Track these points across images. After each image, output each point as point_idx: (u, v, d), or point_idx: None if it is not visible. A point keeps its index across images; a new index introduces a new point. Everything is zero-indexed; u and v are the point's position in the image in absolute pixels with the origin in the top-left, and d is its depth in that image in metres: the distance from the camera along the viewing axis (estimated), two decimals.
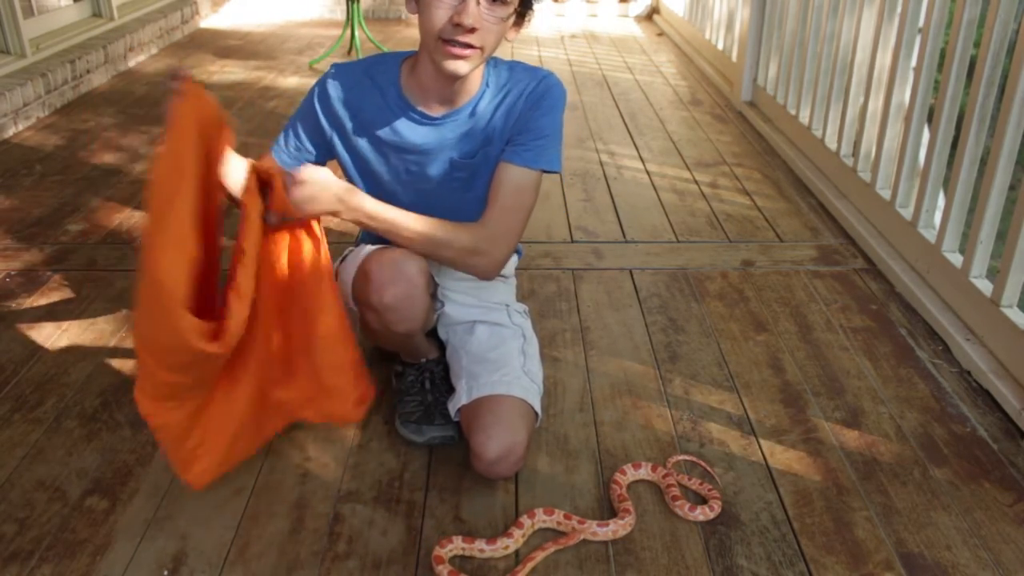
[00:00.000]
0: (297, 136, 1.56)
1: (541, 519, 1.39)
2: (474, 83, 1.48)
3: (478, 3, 1.32)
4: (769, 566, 1.34)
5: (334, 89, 1.52)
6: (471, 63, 1.38)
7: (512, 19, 1.39)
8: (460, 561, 1.34)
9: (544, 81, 1.51)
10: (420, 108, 1.49)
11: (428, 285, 1.49)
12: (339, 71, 1.53)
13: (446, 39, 1.34)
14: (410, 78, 1.49)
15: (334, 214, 1.40)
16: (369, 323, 1.51)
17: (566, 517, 1.40)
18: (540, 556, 1.33)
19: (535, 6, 1.43)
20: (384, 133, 1.51)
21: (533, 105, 1.50)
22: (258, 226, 1.35)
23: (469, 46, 1.34)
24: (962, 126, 1.99)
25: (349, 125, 1.52)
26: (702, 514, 1.42)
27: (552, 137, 1.52)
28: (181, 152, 1.28)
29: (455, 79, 1.42)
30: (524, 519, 1.38)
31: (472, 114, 1.50)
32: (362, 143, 1.53)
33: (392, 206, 1.45)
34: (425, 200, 1.56)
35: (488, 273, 1.53)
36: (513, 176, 1.50)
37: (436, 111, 1.49)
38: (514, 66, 1.53)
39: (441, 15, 1.33)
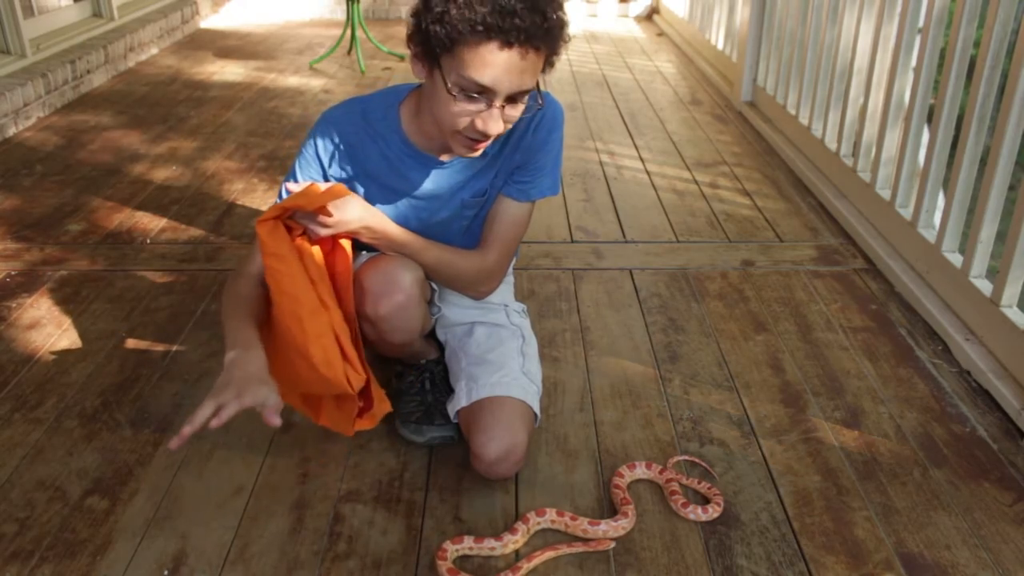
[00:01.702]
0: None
1: (535, 522, 1.39)
2: None
3: (502, 108, 1.28)
4: (769, 566, 1.34)
5: (338, 138, 1.46)
6: (485, 147, 1.37)
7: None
8: (460, 561, 1.34)
9: (550, 108, 1.48)
10: (427, 153, 1.46)
11: (423, 293, 1.49)
12: (336, 118, 1.47)
13: (465, 135, 1.31)
14: (412, 124, 1.45)
15: (354, 235, 1.41)
16: (366, 334, 1.50)
17: (558, 514, 1.40)
18: (551, 554, 1.34)
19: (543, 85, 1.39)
20: (392, 181, 1.49)
21: (544, 138, 1.49)
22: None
23: (487, 140, 1.33)
24: (962, 126, 1.99)
25: (355, 174, 1.49)
26: (704, 514, 1.42)
27: (554, 166, 1.53)
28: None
29: None
30: (519, 525, 1.37)
31: (481, 155, 1.47)
32: (368, 191, 1.50)
33: (406, 230, 1.47)
34: (425, 230, 1.55)
35: (484, 297, 1.61)
36: (512, 211, 1.53)
37: (443, 156, 1.47)
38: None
39: (463, 120, 1.29)
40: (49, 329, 1.97)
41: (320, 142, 1.48)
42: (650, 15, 5.88)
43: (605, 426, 1.66)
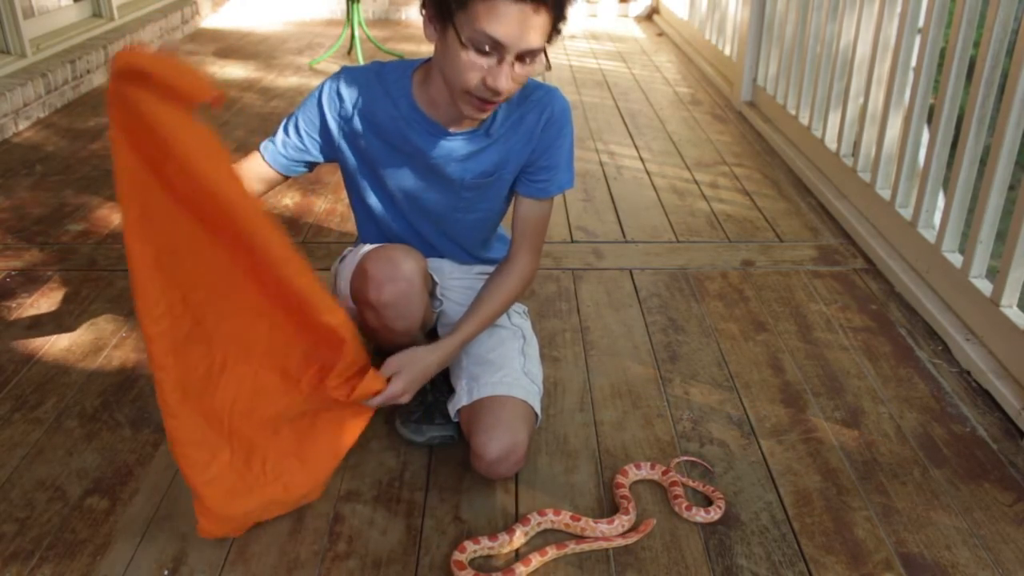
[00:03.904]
0: (299, 134, 1.53)
1: (522, 532, 1.37)
2: None
3: (512, 66, 1.30)
4: (769, 566, 1.34)
5: (345, 90, 1.49)
6: (492, 110, 1.39)
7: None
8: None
9: (559, 103, 1.51)
10: (433, 120, 1.47)
11: (426, 283, 1.50)
12: (350, 73, 1.51)
13: (475, 94, 1.33)
14: (422, 91, 1.47)
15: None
16: (368, 321, 1.51)
17: (540, 514, 1.39)
18: (550, 554, 1.34)
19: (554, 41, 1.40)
20: (396, 140, 1.50)
21: (556, 134, 1.51)
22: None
23: (496, 100, 1.34)
24: (962, 126, 1.99)
25: (360, 127, 1.50)
26: (705, 515, 1.42)
27: (569, 160, 1.56)
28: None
29: None
30: (502, 535, 1.36)
31: (487, 134, 1.49)
32: (371, 146, 1.52)
33: (462, 325, 1.50)
34: (425, 214, 1.57)
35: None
36: (537, 210, 1.57)
37: (449, 127, 1.48)
38: (525, 84, 1.50)
39: (474, 76, 1.30)
40: (49, 329, 1.97)
41: (327, 94, 1.50)
42: (650, 15, 5.88)
43: (605, 426, 1.66)
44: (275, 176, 1.57)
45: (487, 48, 1.28)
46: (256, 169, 1.55)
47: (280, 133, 1.55)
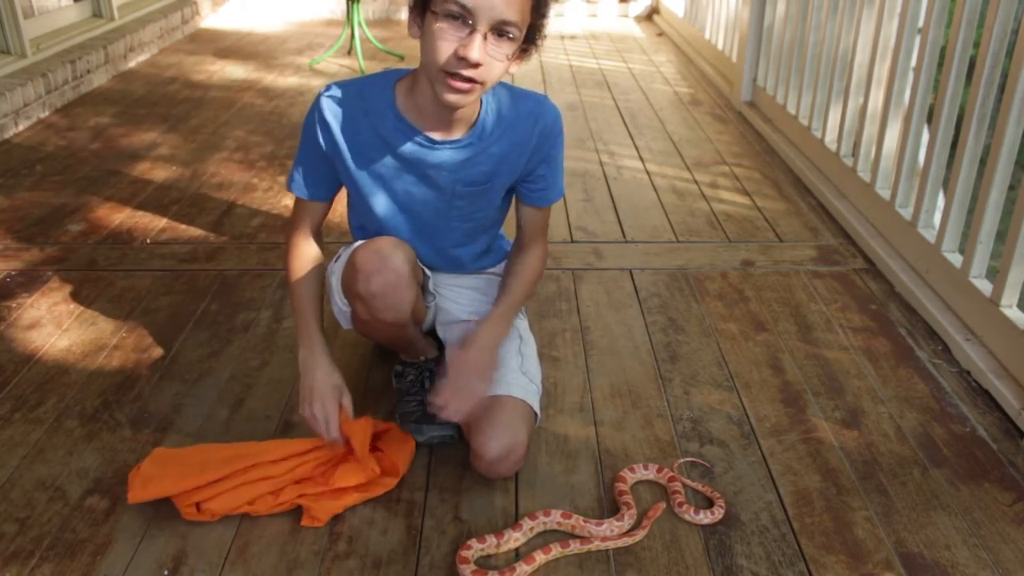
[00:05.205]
0: (311, 167, 1.53)
1: (514, 537, 1.37)
2: (472, 110, 1.46)
3: (484, 38, 1.29)
4: (769, 566, 1.34)
5: (329, 113, 1.48)
6: (471, 97, 1.37)
7: (516, 54, 1.36)
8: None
9: (551, 113, 1.52)
10: (419, 129, 1.47)
11: (415, 275, 1.50)
12: (332, 94, 1.49)
13: (449, 71, 1.32)
14: (407, 99, 1.46)
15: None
16: (358, 314, 1.51)
17: (531, 518, 1.39)
18: (555, 553, 1.34)
19: (539, 42, 1.40)
20: (382, 155, 1.49)
21: (552, 143, 1.54)
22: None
23: (472, 80, 1.32)
24: (962, 126, 1.99)
25: (346, 149, 1.49)
26: (706, 516, 1.42)
27: (562, 167, 1.60)
28: None
29: (454, 109, 1.41)
30: (490, 538, 1.36)
31: (477, 141, 1.48)
32: (360, 166, 1.51)
33: (503, 303, 1.56)
34: (424, 229, 1.56)
35: None
36: (538, 216, 1.62)
37: (436, 135, 1.47)
38: (514, 94, 1.51)
39: (446, 47, 1.30)
40: (49, 329, 1.97)
41: (316, 119, 1.50)
42: (650, 15, 5.88)
43: (605, 426, 1.66)
44: (325, 206, 1.60)
45: (458, 15, 1.28)
46: (307, 211, 1.58)
47: (296, 172, 1.55)
